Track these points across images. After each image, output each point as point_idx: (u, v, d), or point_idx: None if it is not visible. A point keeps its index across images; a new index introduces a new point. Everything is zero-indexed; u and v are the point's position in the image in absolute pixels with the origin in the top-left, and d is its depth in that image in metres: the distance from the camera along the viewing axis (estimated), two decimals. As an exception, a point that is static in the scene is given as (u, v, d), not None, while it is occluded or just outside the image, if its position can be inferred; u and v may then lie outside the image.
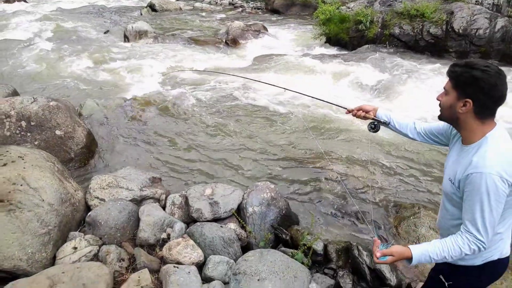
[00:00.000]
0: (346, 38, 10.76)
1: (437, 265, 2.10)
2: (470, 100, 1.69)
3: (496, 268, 1.92)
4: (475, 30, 9.13)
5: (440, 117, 1.87)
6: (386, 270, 3.27)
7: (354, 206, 4.05)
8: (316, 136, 5.67)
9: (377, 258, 1.84)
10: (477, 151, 1.72)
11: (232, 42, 11.12)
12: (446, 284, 1.97)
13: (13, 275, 2.73)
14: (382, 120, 2.23)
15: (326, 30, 11.01)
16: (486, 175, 1.63)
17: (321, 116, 6.31)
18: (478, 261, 1.87)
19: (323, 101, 2.73)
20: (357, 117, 2.30)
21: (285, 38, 12.04)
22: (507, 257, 1.93)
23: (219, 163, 5.02)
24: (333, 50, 10.57)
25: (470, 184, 1.68)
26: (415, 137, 2.17)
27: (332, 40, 11.08)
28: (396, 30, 10.01)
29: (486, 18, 9.19)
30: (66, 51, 9.53)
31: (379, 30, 10.29)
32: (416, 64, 8.58)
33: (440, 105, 1.83)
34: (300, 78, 7.98)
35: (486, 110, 1.71)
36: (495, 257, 1.87)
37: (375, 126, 2.27)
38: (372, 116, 2.25)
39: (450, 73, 1.76)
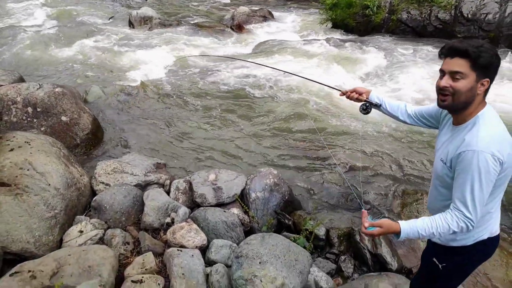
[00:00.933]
0: (353, 23, 10.62)
1: (429, 247, 2.13)
2: (488, 79, 1.70)
3: (487, 247, 1.94)
4: (484, 15, 8.94)
5: (451, 104, 1.75)
6: (387, 255, 3.31)
7: (355, 190, 4.07)
8: (317, 123, 5.66)
9: (365, 228, 1.84)
10: (470, 130, 1.73)
11: (238, 27, 11.02)
12: (440, 266, 1.99)
13: (21, 257, 2.80)
14: (374, 102, 2.26)
15: (332, 15, 10.85)
16: (479, 153, 1.64)
17: (324, 102, 6.30)
18: (469, 241, 1.89)
19: (320, 83, 2.75)
20: (350, 99, 2.33)
21: (291, 23, 11.91)
22: (497, 236, 1.96)
23: (223, 149, 5.05)
24: (339, 36, 10.44)
25: (462, 162, 1.69)
26: (406, 119, 2.19)
27: (338, 26, 10.93)
28: (404, 15, 9.84)
29: (496, 2, 8.99)
30: (71, 37, 9.52)
31: (386, 15, 10.12)
32: (423, 49, 8.47)
33: (451, 91, 1.71)
34: (305, 63, 7.92)
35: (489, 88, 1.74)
36: (486, 236, 1.90)
37: (366, 107, 2.30)
38: (365, 98, 2.28)
39: (464, 54, 1.65)
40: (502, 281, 3.22)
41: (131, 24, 11.01)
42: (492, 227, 1.91)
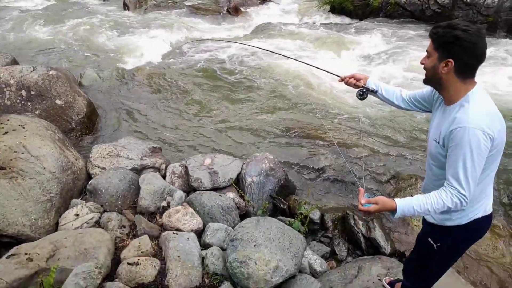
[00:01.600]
0: (351, 7, 10.49)
1: (424, 227, 2.16)
2: (451, 60, 1.73)
3: (481, 225, 1.98)
4: (483, 0, 8.87)
5: (425, 81, 1.92)
6: (380, 239, 3.35)
7: (351, 175, 4.10)
8: (315, 107, 5.65)
9: (362, 205, 1.87)
10: (460, 108, 1.77)
11: (234, 10, 10.87)
12: (435, 246, 2.03)
13: (18, 240, 2.81)
14: (370, 88, 2.29)
15: (330, -2, 10.73)
16: (469, 129, 1.67)
17: (320, 86, 6.28)
18: (464, 220, 1.93)
19: (319, 68, 2.77)
20: (348, 85, 2.37)
21: (289, 6, 11.75)
22: (491, 214, 2.00)
23: (219, 134, 5.04)
24: (337, 19, 10.33)
25: (454, 139, 1.73)
26: (400, 104, 2.22)
27: (336, 9, 10.80)
28: (402, -1, 9.73)
29: (495, -14, 8.89)
30: (65, 19, 9.37)
31: (385, -2, 10.00)
32: (421, 34, 8.41)
33: (424, 68, 1.86)
34: (302, 47, 7.86)
35: (467, 69, 1.76)
36: (480, 215, 1.94)
37: (363, 93, 2.34)
38: (362, 84, 2.31)
39: (432, 35, 1.80)
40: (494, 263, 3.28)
41: (126, 6, 10.84)
42: (485, 206, 1.95)
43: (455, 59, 1.73)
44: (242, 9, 11.02)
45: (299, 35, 8.50)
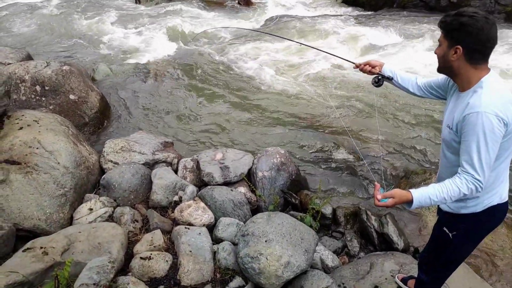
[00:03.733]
0: (364, -3, 10.33)
1: (440, 217, 2.14)
2: (460, 47, 1.75)
3: (496, 212, 1.96)
4: (501, -12, 8.62)
5: (438, 69, 1.93)
6: (393, 234, 3.31)
7: (363, 170, 4.06)
8: (329, 99, 5.60)
9: (378, 201, 1.85)
10: (473, 94, 1.76)
11: (245, 2, 10.81)
12: (450, 235, 2.01)
13: (33, 234, 2.87)
14: (386, 75, 2.28)
15: (343, -11, 10.58)
16: (482, 114, 1.67)
17: (333, 77, 6.22)
18: (479, 208, 1.91)
19: (334, 55, 2.78)
20: (363, 72, 2.37)
21: (300, -2, 11.62)
22: (506, 202, 1.98)
23: (231, 128, 5.04)
24: (350, 11, 10.19)
25: (467, 124, 1.72)
26: (415, 91, 2.22)
27: (349, 0, 10.65)
28: (417, -11, 9.53)
29: (514, -26, 8.63)
30: (77, 14, 9.43)
31: (399, -11, 9.81)
32: (435, 24, 8.22)
33: (437, 57, 1.89)
34: (315, 39, 7.78)
35: (476, 54, 1.76)
36: (495, 202, 1.92)
37: (378, 80, 2.32)
38: (377, 71, 2.31)
39: (440, 24, 1.83)
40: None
41: (137, 1, 10.86)
42: (501, 193, 1.93)
43: (463, 45, 1.74)
44: (253, 1, 10.94)
45: (311, 26, 8.40)
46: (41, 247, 2.54)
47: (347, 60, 2.59)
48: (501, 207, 1.96)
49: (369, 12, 9.86)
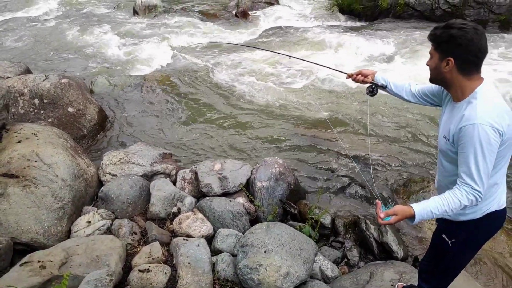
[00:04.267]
0: (359, 8, 10.42)
1: (438, 225, 2.15)
2: (451, 58, 1.78)
3: (495, 219, 1.98)
4: (495, -3, 8.73)
5: (431, 80, 1.96)
6: (393, 243, 3.31)
7: (361, 179, 4.06)
8: (324, 109, 5.63)
9: (381, 219, 1.86)
10: (468, 105, 1.78)
11: (242, 14, 10.90)
12: (449, 242, 2.02)
13: (31, 248, 2.86)
14: (379, 84, 2.29)
15: (338, 0, 10.68)
16: (478, 125, 1.69)
17: (328, 87, 6.28)
18: (478, 214, 1.92)
19: (325, 67, 2.79)
20: (356, 82, 2.37)
21: (297, 9, 11.74)
22: (504, 208, 2.00)
23: (229, 139, 5.05)
24: (346, 21, 10.29)
25: (464, 136, 1.74)
26: (410, 98, 2.23)
27: (345, 11, 10.75)
28: (412, -1, 9.65)
29: (507, -16, 8.75)
30: (76, 27, 9.51)
31: (394, -1, 9.93)
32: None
33: (429, 69, 1.91)
34: (311, 50, 7.84)
35: (468, 65, 1.79)
36: (493, 209, 1.94)
37: (372, 90, 2.32)
38: (370, 80, 2.31)
39: (430, 37, 1.86)
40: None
41: (135, 13, 10.96)
42: (499, 199, 1.95)
43: (455, 57, 1.77)
44: (250, 13, 11.05)
45: (308, 37, 8.48)
46: (39, 261, 2.52)
47: (339, 71, 2.60)
48: (499, 214, 1.98)
49: (365, 23, 9.96)
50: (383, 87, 2.28)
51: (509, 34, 8.46)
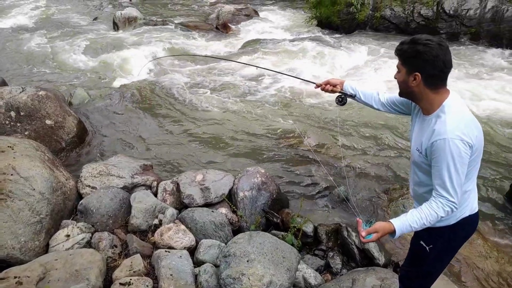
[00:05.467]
0: (337, 21, 10.67)
1: (416, 232, 2.19)
2: (418, 73, 1.83)
3: (469, 223, 2.06)
4: (465, 11, 9.11)
5: (400, 94, 2.03)
6: (374, 250, 3.35)
7: (340, 191, 4.12)
8: (297, 119, 5.74)
9: (363, 238, 1.91)
10: (437, 120, 1.84)
11: (223, 27, 11.00)
12: (427, 248, 2.08)
13: (7, 264, 2.76)
14: (348, 93, 2.32)
15: (317, 13, 10.91)
16: (449, 140, 1.75)
17: (298, 98, 6.43)
18: (452, 220, 2.00)
19: (294, 77, 2.92)
20: (325, 91, 2.40)
21: (277, 22, 11.93)
22: (477, 212, 2.09)
23: (210, 149, 5.05)
24: (324, 34, 10.48)
25: (436, 151, 1.80)
26: (379, 107, 2.28)
27: (323, 24, 10.99)
28: (387, 12, 9.96)
29: (476, -2, 9.15)
30: (55, 39, 9.39)
31: (370, 12, 10.22)
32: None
33: (397, 82, 1.96)
34: (289, 62, 7.98)
35: (435, 79, 1.84)
36: (467, 214, 2.02)
37: (342, 99, 2.36)
38: (339, 90, 2.35)
39: (397, 51, 1.91)
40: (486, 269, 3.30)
41: (115, 25, 10.89)
42: (471, 205, 2.03)
43: (421, 72, 1.82)
44: (231, 25, 11.15)
45: (286, 49, 8.62)
46: (15, 277, 2.45)
47: (307, 81, 2.64)
48: (472, 218, 2.06)
49: (342, 35, 10.20)
50: (352, 96, 2.32)
51: (479, 45, 8.82)
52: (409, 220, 1.85)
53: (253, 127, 5.58)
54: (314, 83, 2.47)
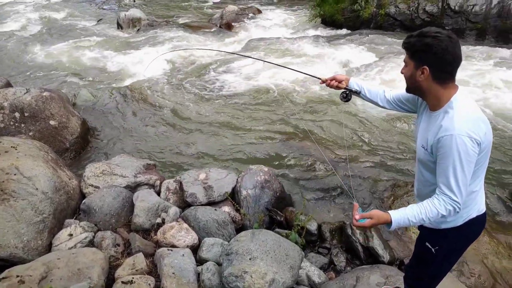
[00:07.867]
0: (341, 19, 10.63)
1: (421, 232, 2.16)
2: (426, 67, 1.76)
3: (476, 224, 1.99)
4: (471, 7, 9.00)
5: (407, 90, 1.96)
6: (379, 247, 3.31)
7: (345, 184, 4.08)
8: (304, 116, 5.70)
9: (356, 221, 1.86)
10: (445, 115, 1.77)
11: (227, 26, 11.00)
12: (433, 250, 2.02)
13: (10, 263, 2.77)
14: (353, 90, 2.27)
15: (320, 11, 10.87)
16: (456, 136, 1.68)
17: (305, 94, 6.37)
18: (459, 222, 1.93)
19: (300, 72, 2.79)
20: (330, 87, 2.35)
21: (280, 20, 11.90)
22: (484, 213, 2.01)
23: (213, 148, 5.03)
24: (328, 32, 10.45)
25: (442, 147, 1.73)
26: (385, 105, 2.22)
27: (327, 22, 10.95)
28: (392, 9, 9.88)
29: (482, -7, 9.05)
30: (60, 41, 9.45)
31: (375, 9, 10.15)
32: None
33: (404, 77, 1.90)
34: (293, 59, 7.94)
35: (443, 74, 1.78)
36: (474, 215, 1.94)
37: (346, 95, 2.31)
38: (344, 86, 2.30)
39: (405, 45, 1.84)
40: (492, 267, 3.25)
41: (119, 26, 10.95)
42: (479, 205, 1.96)
43: (430, 66, 1.75)
44: (234, 25, 11.15)
45: (290, 47, 8.59)
46: (17, 276, 2.45)
47: (313, 76, 2.59)
48: (480, 219, 1.98)
49: (347, 32, 10.14)
50: (357, 93, 2.27)
51: (485, 41, 8.71)
52: (408, 214, 1.78)
53: (257, 124, 5.56)
54: (320, 78, 2.42)
